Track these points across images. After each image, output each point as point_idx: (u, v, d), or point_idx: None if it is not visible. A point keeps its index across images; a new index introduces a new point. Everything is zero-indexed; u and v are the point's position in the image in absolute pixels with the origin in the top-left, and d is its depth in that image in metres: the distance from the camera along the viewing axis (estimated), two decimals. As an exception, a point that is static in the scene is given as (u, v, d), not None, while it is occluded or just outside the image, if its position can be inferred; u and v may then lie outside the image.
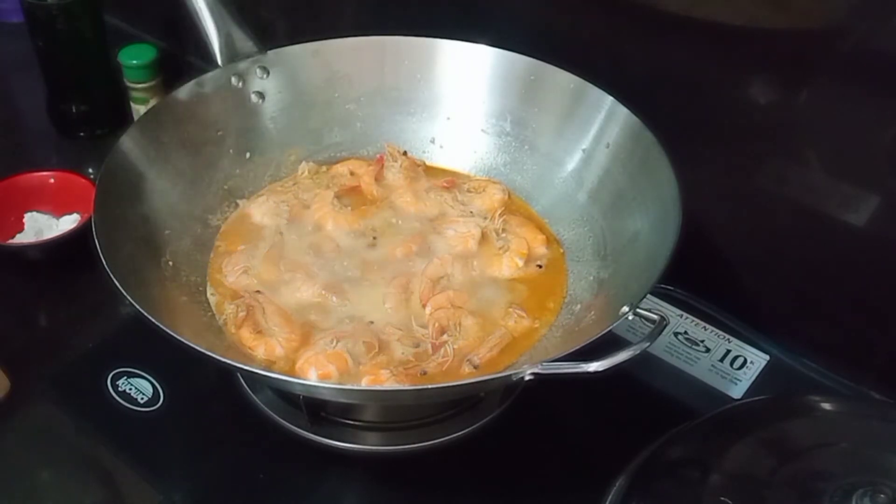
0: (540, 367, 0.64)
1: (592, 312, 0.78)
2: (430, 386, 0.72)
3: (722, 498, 0.66)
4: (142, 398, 0.83)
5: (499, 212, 0.89)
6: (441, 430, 0.80)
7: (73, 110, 1.16)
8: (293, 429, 0.80)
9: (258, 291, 0.81)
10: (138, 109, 1.13)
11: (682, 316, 0.94)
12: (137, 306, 0.67)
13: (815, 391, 0.86)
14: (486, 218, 0.89)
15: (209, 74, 0.88)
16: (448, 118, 0.96)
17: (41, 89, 1.15)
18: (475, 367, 0.76)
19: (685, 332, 0.93)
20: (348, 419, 0.80)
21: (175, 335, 0.65)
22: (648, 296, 0.69)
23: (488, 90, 0.93)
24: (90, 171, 1.04)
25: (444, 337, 0.77)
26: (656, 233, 0.76)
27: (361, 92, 0.96)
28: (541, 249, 0.87)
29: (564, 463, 0.80)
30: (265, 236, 0.87)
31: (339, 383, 0.73)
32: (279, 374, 0.74)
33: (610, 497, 0.73)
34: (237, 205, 0.91)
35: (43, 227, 0.99)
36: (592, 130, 0.87)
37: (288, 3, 1.11)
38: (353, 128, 0.97)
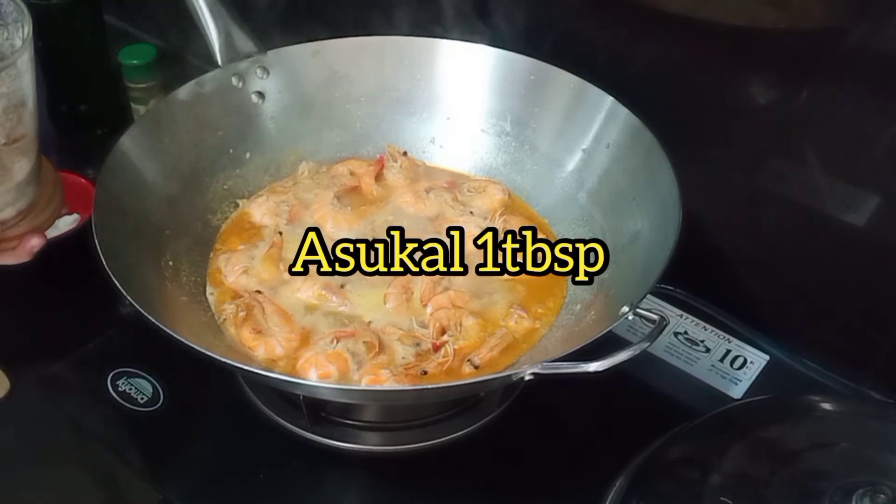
0: (540, 367, 0.64)
1: (592, 312, 0.78)
2: (430, 386, 0.72)
3: (722, 498, 0.66)
4: (142, 398, 0.83)
5: (499, 212, 0.89)
6: (441, 430, 0.80)
7: (73, 110, 1.16)
8: (293, 429, 0.80)
9: (258, 291, 0.81)
10: (138, 109, 1.13)
11: (682, 316, 0.94)
12: (137, 306, 0.67)
13: (815, 391, 0.86)
14: (486, 218, 0.89)
15: (209, 74, 0.88)
16: (448, 118, 0.96)
17: (41, 89, 1.15)
18: (475, 367, 0.76)
19: (685, 332, 0.93)
20: (348, 419, 0.80)
21: (175, 335, 0.65)
22: (648, 296, 0.69)
23: (488, 90, 0.93)
24: (90, 171, 1.04)
25: (445, 337, 0.78)
26: (656, 233, 0.76)
27: (361, 92, 0.95)
28: (541, 249, 0.87)
29: (564, 463, 0.80)
30: (265, 236, 0.88)
31: (339, 383, 0.73)
32: (279, 374, 0.74)
33: (610, 497, 0.73)
34: (237, 205, 0.91)
35: (43, 227, 0.99)
36: (592, 130, 0.87)
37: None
38: (353, 128, 0.96)
